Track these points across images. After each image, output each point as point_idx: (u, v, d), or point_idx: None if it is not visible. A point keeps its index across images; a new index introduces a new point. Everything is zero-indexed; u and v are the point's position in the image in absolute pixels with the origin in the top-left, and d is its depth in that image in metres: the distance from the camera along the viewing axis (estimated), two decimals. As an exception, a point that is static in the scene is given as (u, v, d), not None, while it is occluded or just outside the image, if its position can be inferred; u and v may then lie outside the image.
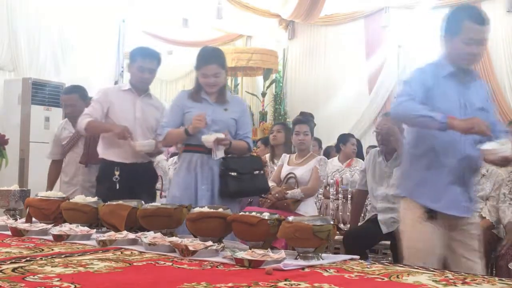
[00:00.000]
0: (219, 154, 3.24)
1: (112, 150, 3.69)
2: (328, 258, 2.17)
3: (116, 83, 8.41)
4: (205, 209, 2.52)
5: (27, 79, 6.69)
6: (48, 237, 2.61)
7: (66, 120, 4.59)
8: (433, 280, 1.82)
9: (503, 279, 1.87)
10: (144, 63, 3.69)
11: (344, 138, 6.81)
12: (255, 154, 6.44)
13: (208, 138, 3.18)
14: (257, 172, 3.42)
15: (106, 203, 2.90)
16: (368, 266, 2.06)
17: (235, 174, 3.30)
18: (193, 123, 3.25)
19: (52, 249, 2.30)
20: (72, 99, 4.51)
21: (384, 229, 4.13)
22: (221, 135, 3.20)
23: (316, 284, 1.73)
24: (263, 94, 11.41)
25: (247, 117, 3.56)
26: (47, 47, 7.52)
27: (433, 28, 10.59)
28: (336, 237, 4.09)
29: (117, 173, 3.59)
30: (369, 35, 10.55)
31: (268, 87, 11.43)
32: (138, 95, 3.79)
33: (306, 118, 4.83)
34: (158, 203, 2.97)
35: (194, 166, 3.32)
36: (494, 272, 3.63)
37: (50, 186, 4.60)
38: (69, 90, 4.66)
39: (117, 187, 3.55)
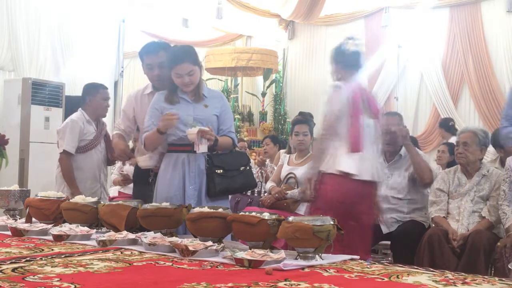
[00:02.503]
0: (202, 148, 3.09)
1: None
2: (328, 258, 2.17)
3: (116, 83, 8.41)
4: (205, 209, 2.52)
5: (27, 79, 6.69)
6: (48, 237, 2.61)
7: (84, 113, 4.53)
8: (433, 280, 1.82)
9: (503, 279, 1.87)
10: (149, 59, 3.51)
11: None
12: (265, 151, 6.45)
13: (191, 131, 3.09)
14: (243, 168, 3.32)
15: (106, 203, 2.91)
16: (368, 266, 2.06)
17: (221, 171, 3.21)
18: (163, 120, 3.13)
19: (52, 249, 2.30)
20: None
21: (384, 229, 4.13)
22: (205, 128, 3.10)
23: (316, 284, 1.73)
24: (263, 94, 11.41)
25: (228, 111, 3.41)
26: (47, 47, 7.51)
27: (433, 28, 10.62)
28: (336, 237, 4.08)
29: (151, 173, 3.45)
30: (369, 35, 10.54)
31: (268, 87, 11.44)
32: None
33: (305, 118, 4.82)
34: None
35: (180, 165, 3.22)
36: (493, 272, 3.62)
37: (74, 181, 4.45)
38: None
39: (153, 190, 3.39)
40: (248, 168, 3.35)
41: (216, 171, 3.20)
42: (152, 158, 3.39)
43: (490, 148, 4.93)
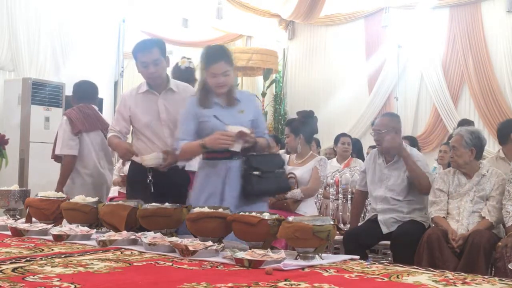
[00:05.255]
0: (236, 147, 3.02)
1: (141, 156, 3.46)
2: (328, 258, 2.17)
3: (116, 83, 8.41)
4: (205, 209, 2.52)
5: (27, 79, 6.70)
6: (48, 237, 2.61)
7: None
8: (433, 280, 1.82)
9: (503, 279, 1.87)
10: (144, 57, 3.41)
11: (336, 139, 6.86)
12: None
13: (232, 128, 3.02)
14: (279, 170, 3.24)
15: (106, 203, 2.91)
16: (368, 266, 2.06)
17: (258, 173, 3.11)
18: (217, 140, 2.99)
19: (52, 249, 2.30)
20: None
21: (384, 229, 4.13)
22: (246, 130, 3.02)
23: (316, 284, 1.73)
24: (263, 94, 11.41)
25: (261, 113, 3.35)
26: (47, 47, 7.52)
27: (433, 28, 10.61)
28: (336, 237, 4.08)
29: (150, 174, 3.38)
30: (369, 35, 10.54)
31: (268, 87, 11.43)
32: (159, 93, 3.48)
33: (289, 121, 4.95)
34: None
35: (222, 174, 3.13)
36: (493, 272, 3.63)
37: None
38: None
39: (152, 190, 3.35)
40: (282, 170, 3.28)
41: (254, 172, 3.12)
42: (159, 157, 3.32)
43: (487, 148, 4.91)
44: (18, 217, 3.21)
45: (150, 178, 3.37)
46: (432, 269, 2.04)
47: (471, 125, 6.65)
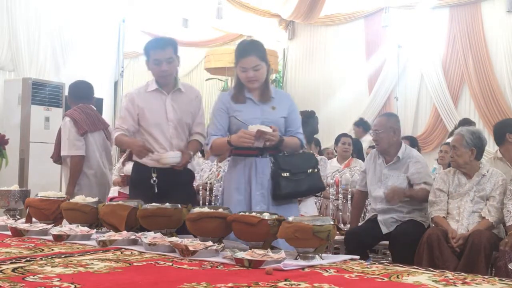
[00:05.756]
0: (257, 144, 2.99)
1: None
2: (328, 258, 2.17)
3: (116, 83, 8.41)
4: (205, 209, 2.52)
5: (27, 79, 6.70)
6: (48, 237, 2.61)
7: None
8: (433, 280, 1.82)
9: (503, 279, 1.87)
10: (157, 54, 3.36)
11: (336, 139, 6.86)
12: None
13: (252, 127, 2.98)
14: (311, 170, 3.17)
15: (106, 203, 2.91)
16: (368, 266, 2.06)
17: (287, 174, 3.06)
18: (240, 139, 2.99)
19: (52, 249, 2.30)
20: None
21: (384, 229, 4.13)
22: (267, 128, 2.97)
23: (316, 284, 1.73)
24: (263, 94, 11.40)
25: (296, 112, 3.27)
26: (47, 47, 7.52)
27: (433, 28, 10.58)
28: (336, 237, 4.07)
29: (154, 175, 3.34)
30: (369, 35, 10.54)
31: (268, 87, 11.44)
32: (167, 93, 3.45)
33: None
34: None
35: (247, 170, 3.10)
36: (493, 272, 3.63)
37: None
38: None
39: (156, 191, 3.31)
40: (316, 170, 3.23)
41: (282, 174, 3.07)
42: (178, 155, 3.28)
43: (487, 148, 4.89)
44: (18, 217, 3.21)
45: (154, 178, 3.35)
46: (432, 269, 2.04)
47: (472, 124, 6.65)
